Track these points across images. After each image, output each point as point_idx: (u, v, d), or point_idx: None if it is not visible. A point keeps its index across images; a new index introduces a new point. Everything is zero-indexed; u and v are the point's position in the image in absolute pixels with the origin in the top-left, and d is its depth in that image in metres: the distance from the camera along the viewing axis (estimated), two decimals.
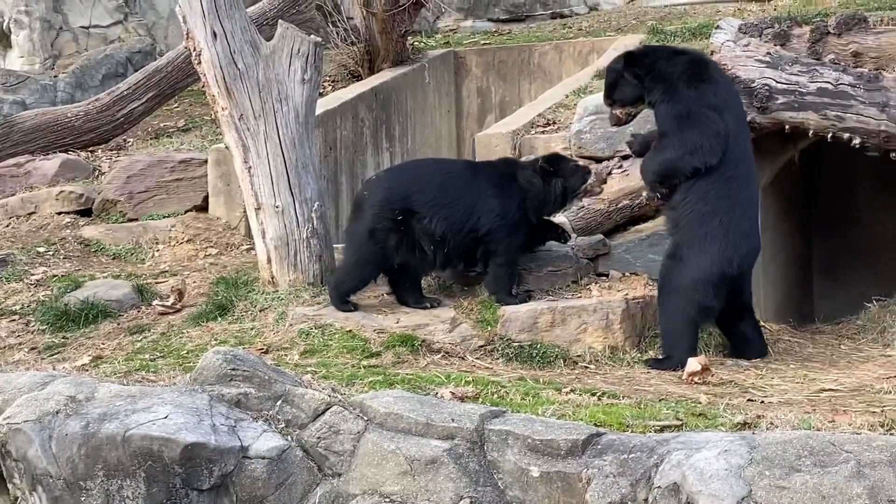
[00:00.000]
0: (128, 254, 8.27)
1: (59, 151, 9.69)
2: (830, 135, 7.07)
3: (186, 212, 8.68)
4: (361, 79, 10.78)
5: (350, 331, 6.37)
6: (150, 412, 5.01)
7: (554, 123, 8.65)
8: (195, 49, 7.07)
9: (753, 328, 6.72)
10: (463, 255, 6.76)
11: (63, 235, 8.57)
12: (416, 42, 11.83)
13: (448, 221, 6.62)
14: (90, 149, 9.87)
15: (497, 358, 6.35)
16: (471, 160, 7.28)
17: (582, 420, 4.92)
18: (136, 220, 8.72)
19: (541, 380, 5.87)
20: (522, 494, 4.66)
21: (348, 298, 6.66)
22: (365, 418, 4.95)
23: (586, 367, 6.33)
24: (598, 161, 7.61)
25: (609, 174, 7.33)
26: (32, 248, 8.30)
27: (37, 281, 7.67)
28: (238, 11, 7.08)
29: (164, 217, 8.65)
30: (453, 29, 13.98)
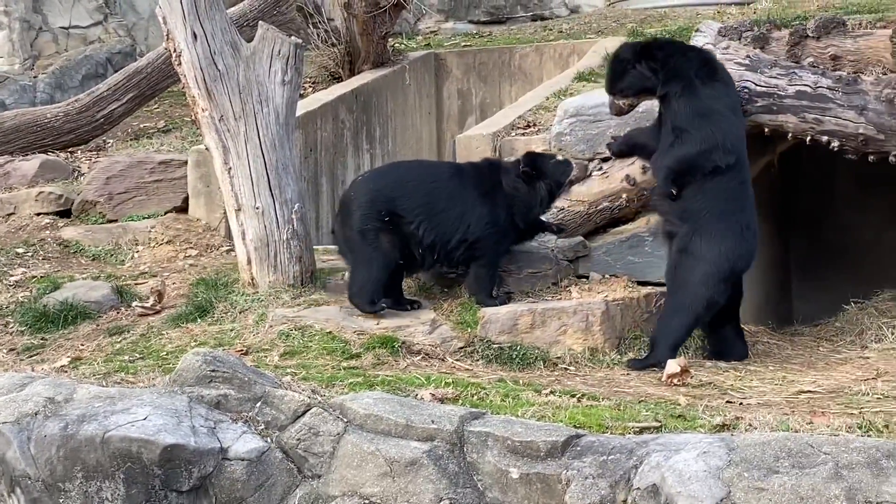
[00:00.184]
0: (107, 255, 8.25)
1: (39, 152, 9.66)
2: (809, 138, 7.10)
3: (166, 213, 8.66)
4: (342, 80, 10.77)
5: (330, 332, 6.36)
6: (130, 414, 4.99)
7: (534, 125, 8.66)
8: (175, 50, 7.05)
9: (736, 330, 6.76)
10: (451, 260, 6.77)
11: (42, 236, 8.54)
12: (397, 44, 11.82)
13: (437, 230, 6.61)
14: (70, 149, 9.84)
15: (477, 359, 6.35)
16: (455, 163, 7.24)
17: (561, 422, 4.93)
18: (116, 222, 8.69)
19: (520, 381, 5.88)
20: (502, 496, 4.66)
21: (375, 300, 6.58)
22: (345, 420, 4.95)
23: (566, 369, 6.34)
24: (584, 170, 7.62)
25: (589, 176, 7.34)
26: (11, 249, 8.27)
27: (15, 282, 7.65)
28: (218, 12, 7.07)
29: (144, 218, 8.62)
30: (434, 31, 13.99)
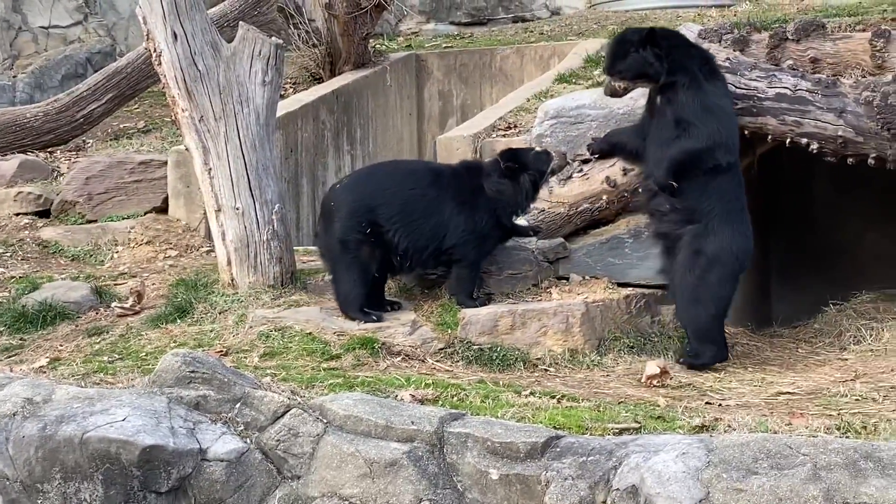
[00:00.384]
0: (86, 255, 8.23)
1: (18, 152, 9.62)
2: (788, 140, 7.12)
3: (146, 213, 8.64)
4: (323, 81, 10.76)
5: (310, 333, 6.35)
6: (108, 414, 4.98)
7: (515, 127, 8.67)
8: (155, 50, 7.04)
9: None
10: (429, 265, 6.76)
11: (21, 237, 8.51)
12: (378, 45, 11.82)
13: (411, 238, 6.59)
14: (49, 149, 9.80)
15: (457, 360, 6.35)
16: (435, 167, 7.21)
17: (541, 423, 4.94)
18: (95, 222, 8.67)
19: (500, 382, 5.88)
20: (481, 497, 4.66)
21: (364, 308, 6.57)
22: (324, 421, 4.95)
23: (546, 370, 6.35)
24: (565, 160, 7.62)
25: (569, 177, 7.35)
26: None
27: None
28: (199, 13, 7.05)
29: (124, 219, 8.60)
30: (415, 32, 13.99)
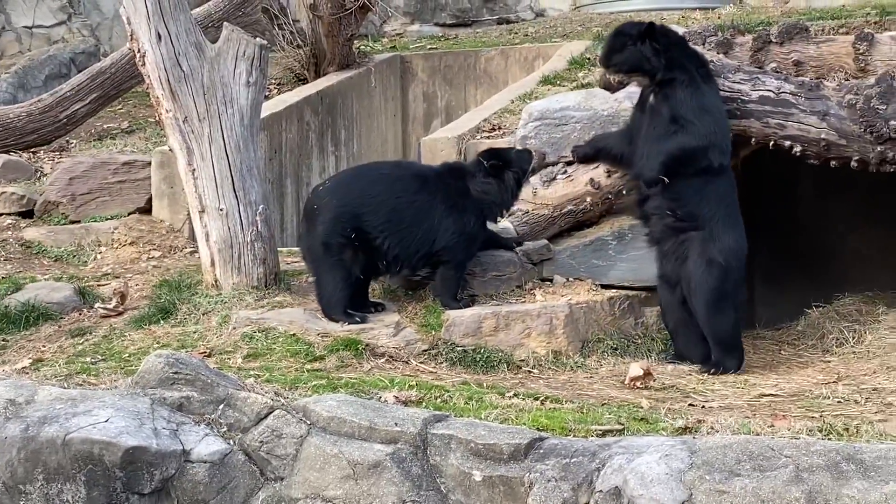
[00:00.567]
0: (70, 256, 8.20)
1: (1, 152, 9.58)
2: (772, 142, 7.14)
3: (129, 214, 8.61)
4: (307, 82, 10.75)
5: (294, 334, 6.35)
6: (91, 416, 4.97)
7: (499, 128, 8.68)
8: (139, 50, 7.02)
9: (700, 333, 6.77)
10: (417, 267, 6.77)
11: (4, 237, 8.48)
12: (363, 46, 11.82)
13: (402, 245, 6.58)
14: (32, 150, 9.77)
15: (441, 362, 6.36)
16: (419, 170, 7.19)
17: (524, 424, 4.94)
18: (79, 222, 8.64)
19: (484, 384, 5.89)
20: (465, 499, 4.67)
21: (348, 310, 6.56)
22: (308, 422, 4.94)
23: (530, 372, 6.36)
24: (543, 160, 7.64)
25: (553, 179, 7.36)
26: None
27: None
28: (183, 13, 7.04)
29: (107, 219, 8.57)
30: (400, 33, 13.99)
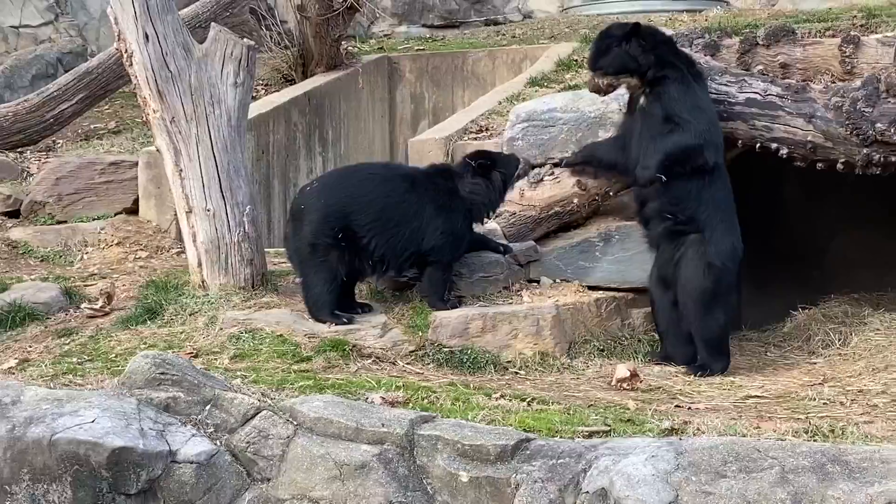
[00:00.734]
0: (56, 256, 8.18)
1: None
2: (758, 144, 7.16)
3: (116, 214, 8.60)
4: (295, 83, 10.74)
5: (281, 335, 6.34)
6: (78, 416, 4.96)
7: (487, 130, 8.68)
8: (127, 51, 7.01)
9: (688, 335, 6.79)
10: (404, 268, 6.77)
11: None
12: (350, 47, 11.80)
13: (390, 245, 6.58)
14: (19, 150, 9.73)
15: (428, 363, 6.36)
16: (407, 171, 7.20)
17: (511, 425, 4.95)
18: (65, 223, 8.61)
19: (471, 385, 5.89)
20: (451, 499, 4.67)
21: (335, 311, 6.57)
22: (294, 423, 4.94)
23: (516, 373, 6.37)
24: (530, 167, 7.65)
25: (541, 181, 7.37)
26: None
27: None
28: (170, 14, 7.03)
29: (94, 219, 8.55)
30: (387, 34, 13.98)
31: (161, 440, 4.92)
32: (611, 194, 7.30)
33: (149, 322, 6.71)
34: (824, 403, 5.71)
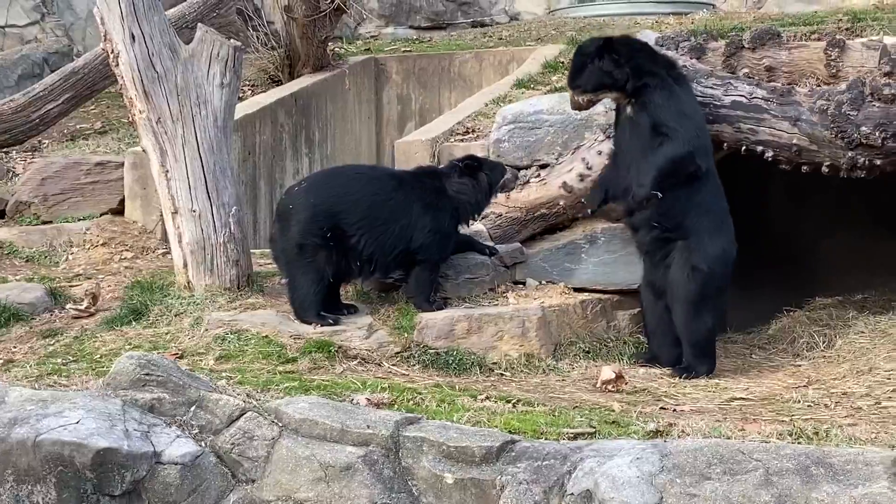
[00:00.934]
0: (41, 256, 8.16)
1: None
2: (744, 147, 7.17)
3: (102, 215, 8.57)
4: (281, 84, 10.73)
5: (266, 336, 6.34)
6: (62, 417, 4.95)
7: (473, 132, 8.68)
8: (113, 51, 7.00)
9: (674, 336, 6.79)
10: (391, 268, 6.77)
11: None
12: (337, 48, 11.80)
13: (378, 243, 6.59)
14: (4, 150, 9.71)
15: (413, 365, 6.36)
16: (395, 172, 7.22)
17: (496, 427, 4.95)
18: (51, 223, 8.59)
19: (457, 387, 5.89)
20: (436, 501, 4.67)
21: (321, 312, 6.56)
22: (280, 424, 4.94)
23: (502, 375, 6.37)
24: (517, 169, 7.65)
25: (527, 183, 7.38)
26: None
27: None
28: (157, 14, 7.02)
29: (79, 220, 8.53)
30: (374, 36, 13.99)
31: (146, 441, 4.91)
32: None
33: (134, 323, 6.70)
34: (809, 406, 5.73)
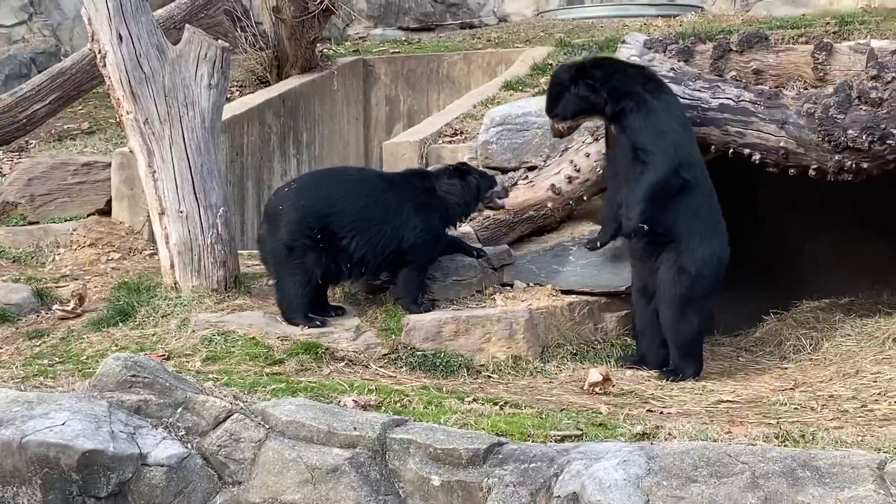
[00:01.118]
0: (28, 257, 8.14)
1: None
2: (731, 150, 7.19)
3: (89, 215, 8.56)
4: (269, 85, 10.72)
5: (253, 338, 6.33)
6: (48, 418, 4.93)
7: (461, 133, 8.69)
8: (100, 51, 6.99)
9: (662, 338, 6.80)
10: (378, 270, 6.76)
11: None
12: (326, 49, 11.79)
13: (370, 244, 6.59)
14: None
15: (401, 366, 6.36)
16: (385, 174, 7.23)
17: (483, 429, 4.95)
18: (37, 223, 8.57)
19: (444, 389, 5.89)
20: (423, 503, 4.67)
21: (308, 314, 6.56)
22: (266, 426, 4.93)
23: (489, 377, 6.37)
24: (504, 171, 7.67)
25: (514, 185, 7.38)
26: None
27: None
28: (144, 14, 7.01)
29: (66, 220, 8.51)
30: (363, 37, 13.98)
31: (132, 443, 4.89)
32: (585, 199, 7.32)
33: (120, 324, 6.69)
34: (795, 408, 5.74)
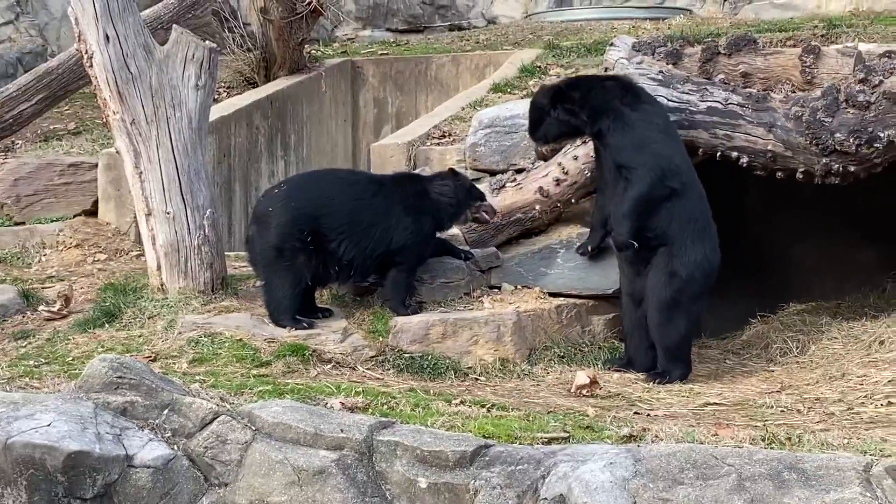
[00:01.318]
0: (14, 258, 8.12)
1: None
2: (719, 153, 7.19)
3: (75, 216, 8.54)
4: (257, 86, 10.70)
5: (240, 339, 6.32)
6: (34, 419, 4.92)
7: (450, 135, 8.69)
8: (87, 51, 6.97)
9: (649, 341, 6.79)
10: (367, 272, 6.76)
11: None
12: (314, 50, 11.79)
13: (360, 246, 6.58)
14: None
15: (388, 369, 6.35)
16: (375, 176, 7.22)
17: (471, 432, 4.95)
18: (24, 224, 8.55)
19: (431, 391, 5.89)
20: None
21: (296, 316, 6.55)
22: (253, 428, 4.92)
23: (476, 379, 6.37)
24: (493, 174, 7.66)
25: (503, 187, 7.37)
26: None
27: None
28: (132, 15, 6.99)
29: (53, 221, 8.49)
30: (351, 38, 13.98)
31: (118, 444, 4.88)
32: (573, 201, 7.32)
33: (107, 325, 6.68)
34: (782, 411, 5.75)
